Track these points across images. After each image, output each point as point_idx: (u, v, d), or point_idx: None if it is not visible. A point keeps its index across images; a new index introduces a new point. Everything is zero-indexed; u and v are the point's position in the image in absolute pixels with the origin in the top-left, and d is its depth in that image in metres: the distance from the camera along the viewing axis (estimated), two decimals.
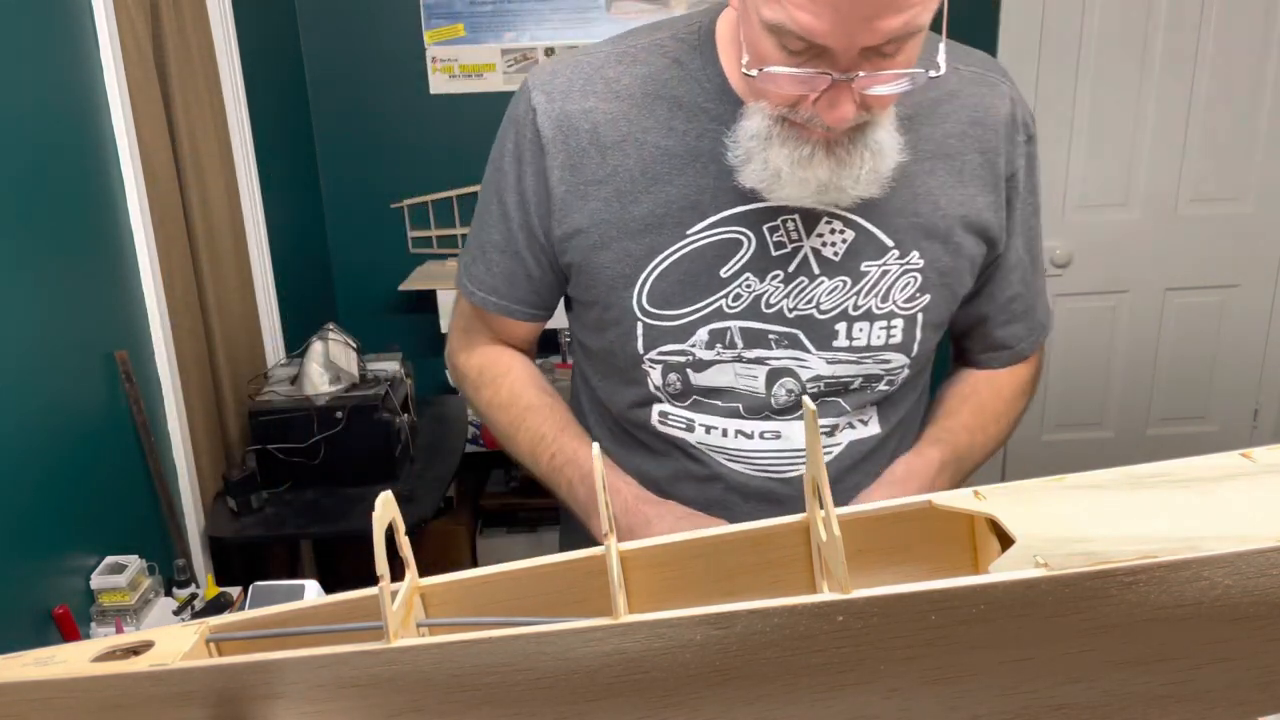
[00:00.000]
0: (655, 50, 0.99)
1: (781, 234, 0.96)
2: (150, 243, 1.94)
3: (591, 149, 0.98)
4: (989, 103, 1.00)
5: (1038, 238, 1.10)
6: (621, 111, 0.98)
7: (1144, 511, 0.52)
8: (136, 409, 1.88)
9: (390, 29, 2.83)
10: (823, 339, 1.00)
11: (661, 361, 1.01)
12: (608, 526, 0.54)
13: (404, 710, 0.52)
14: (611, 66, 0.99)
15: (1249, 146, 2.99)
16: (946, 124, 0.98)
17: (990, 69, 1.02)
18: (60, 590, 1.67)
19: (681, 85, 0.97)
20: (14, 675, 0.55)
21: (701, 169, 0.96)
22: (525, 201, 1.02)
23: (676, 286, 0.98)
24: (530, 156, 1.01)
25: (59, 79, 1.72)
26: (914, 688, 0.49)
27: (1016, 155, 1.02)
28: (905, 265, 0.98)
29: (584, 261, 1.00)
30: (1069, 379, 3.22)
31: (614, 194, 0.98)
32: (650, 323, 1.00)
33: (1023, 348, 1.13)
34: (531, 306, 1.10)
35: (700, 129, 0.96)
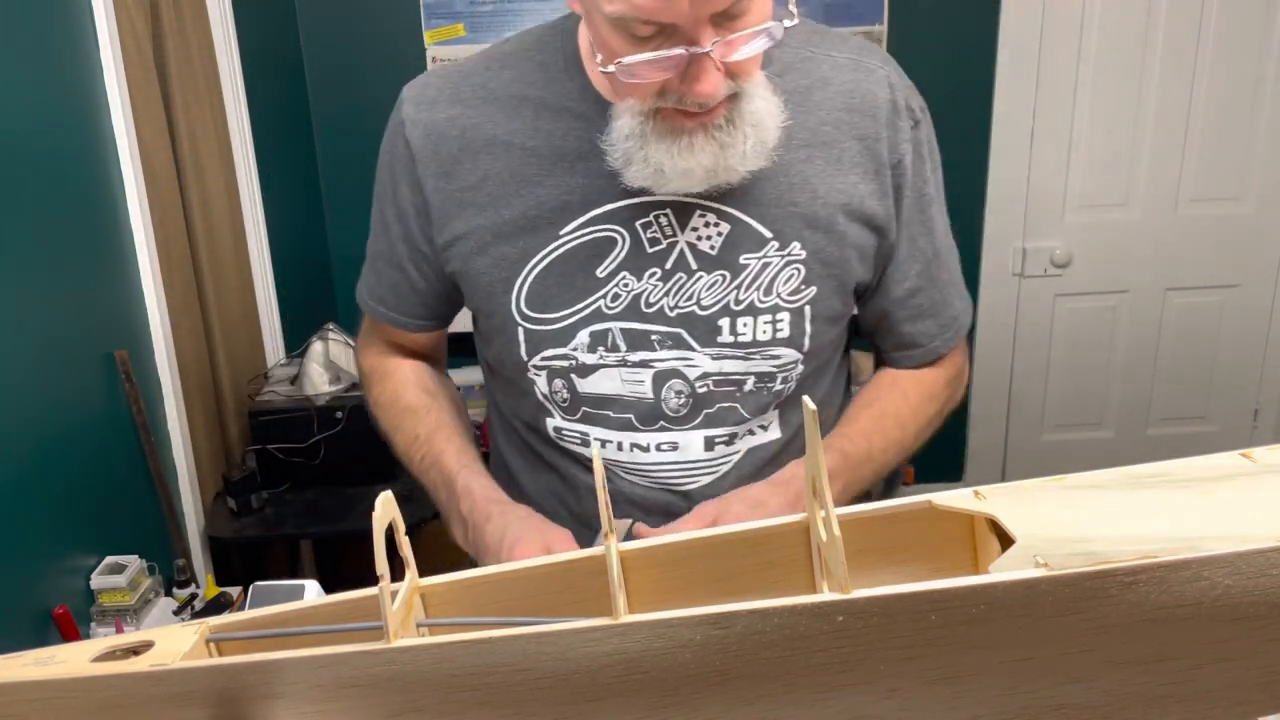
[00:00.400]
0: (521, 55, 0.99)
1: (655, 230, 0.95)
2: (150, 243, 1.94)
3: (462, 155, 0.97)
4: (865, 88, 0.97)
5: (941, 229, 1.06)
6: (488, 116, 0.97)
7: (1144, 511, 0.52)
8: (136, 409, 1.88)
9: (390, 29, 2.83)
10: (706, 336, 0.97)
11: (545, 367, 1.00)
12: (607, 527, 0.54)
13: (404, 710, 0.52)
14: (480, 74, 0.99)
15: (1249, 146, 2.99)
16: (821, 111, 0.96)
17: (866, 54, 1.00)
18: (60, 590, 1.67)
19: (546, 87, 0.96)
20: (14, 675, 0.55)
21: (569, 168, 0.95)
22: (403, 214, 1.02)
23: (553, 288, 0.97)
24: (403, 168, 1.00)
25: (59, 79, 1.72)
26: (914, 688, 0.49)
27: (900, 141, 0.99)
28: (787, 257, 0.96)
29: (464, 269, 1.00)
30: (1069, 379, 3.22)
31: (486, 199, 0.97)
32: (530, 327, 0.99)
33: (935, 345, 1.08)
34: (419, 318, 1.09)
35: (565, 129, 0.95)
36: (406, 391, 1.11)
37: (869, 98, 0.97)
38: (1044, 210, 3.06)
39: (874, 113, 0.97)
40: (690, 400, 0.99)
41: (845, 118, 0.97)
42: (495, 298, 0.99)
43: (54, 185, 1.69)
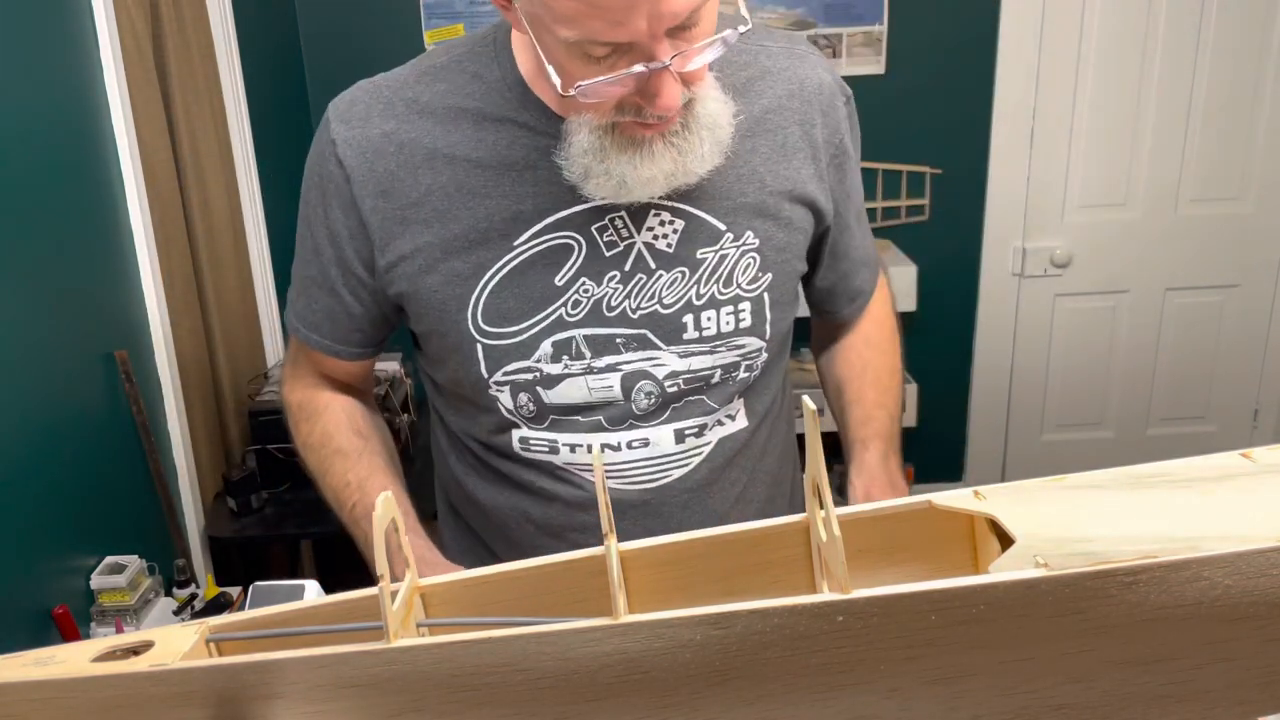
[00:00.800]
0: (454, 67, 0.96)
1: (611, 233, 0.94)
2: (150, 243, 1.94)
3: (400, 171, 0.94)
4: (802, 75, 0.99)
5: (862, 218, 1.14)
6: (426, 129, 0.94)
7: (1144, 511, 0.52)
8: (136, 409, 1.88)
9: (390, 29, 2.83)
10: (671, 334, 0.97)
11: (509, 382, 0.98)
12: (607, 526, 0.54)
13: (404, 710, 0.52)
14: (411, 87, 0.96)
15: (1249, 146, 2.99)
16: (764, 100, 0.97)
17: (796, 43, 1.02)
18: (60, 590, 1.67)
19: (484, 98, 0.94)
20: (14, 675, 0.55)
21: (518, 178, 0.93)
22: (335, 236, 0.98)
23: (511, 301, 0.95)
24: (334, 189, 0.97)
25: (59, 79, 1.72)
26: (914, 688, 0.49)
27: (839, 120, 1.01)
28: (742, 246, 0.97)
29: (413, 289, 0.97)
30: (1069, 379, 3.22)
31: (431, 214, 0.94)
32: (490, 343, 0.96)
33: (869, 287, 1.17)
34: (355, 345, 1.06)
35: (510, 138, 0.93)
36: (338, 433, 1.07)
37: (807, 83, 0.99)
38: (1044, 210, 3.06)
39: (811, 97, 0.99)
40: (659, 398, 0.99)
41: (787, 104, 0.98)
42: (449, 316, 0.96)
43: (54, 185, 1.69)
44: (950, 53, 2.91)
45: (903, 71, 2.91)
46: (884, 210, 3.03)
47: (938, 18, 2.88)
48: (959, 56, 2.92)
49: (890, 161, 2.98)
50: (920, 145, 2.97)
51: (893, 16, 2.87)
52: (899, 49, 2.90)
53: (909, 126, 2.96)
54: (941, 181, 3.02)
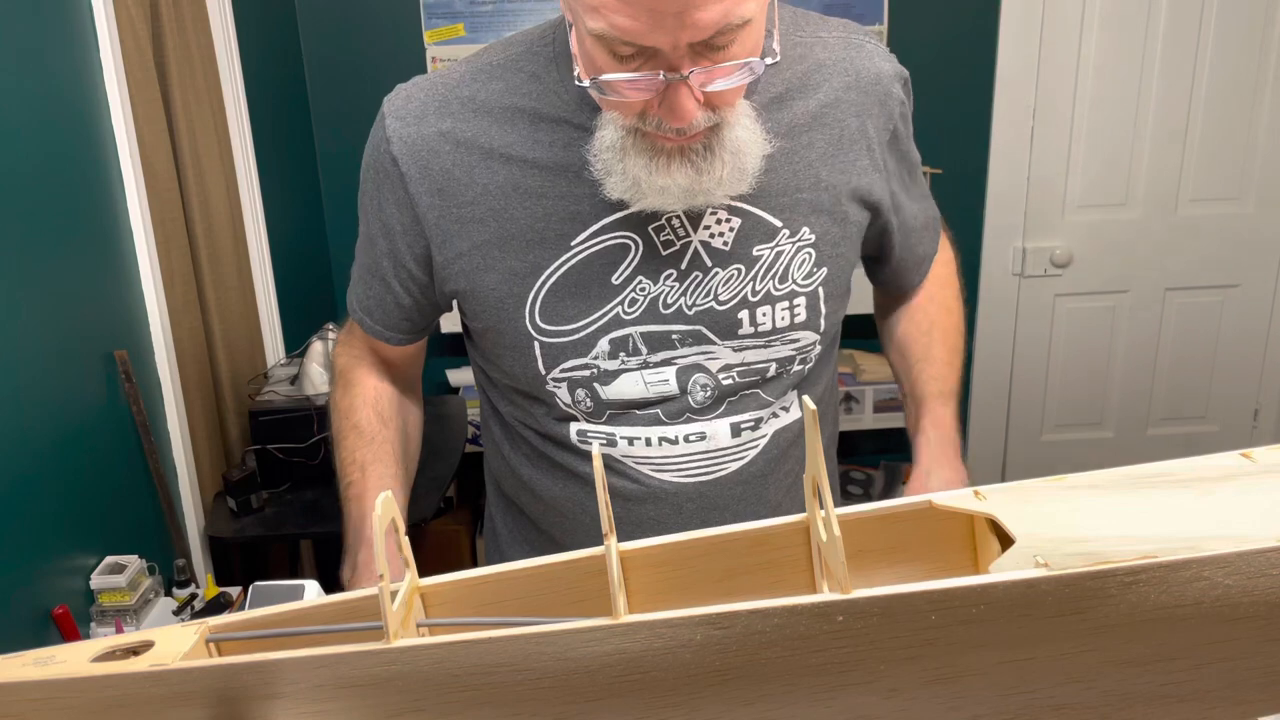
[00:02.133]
0: (511, 66, 0.97)
1: (669, 232, 0.95)
2: (150, 243, 1.94)
3: (457, 170, 0.95)
4: (859, 66, 0.99)
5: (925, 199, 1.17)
6: (483, 129, 0.95)
7: (1144, 511, 0.52)
8: (136, 409, 1.88)
9: (390, 29, 2.83)
10: (727, 329, 0.98)
11: (566, 379, 0.99)
12: (607, 526, 0.54)
13: (404, 710, 0.52)
14: (467, 85, 0.97)
15: (1249, 146, 2.99)
16: (820, 93, 0.97)
17: (853, 32, 1.02)
18: (60, 590, 1.67)
19: (541, 98, 0.94)
20: (14, 675, 0.55)
21: (574, 178, 0.93)
22: (389, 230, 1.01)
23: (568, 300, 0.96)
24: (390, 186, 0.98)
25: (59, 79, 1.72)
26: (914, 688, 0.49)
27: (895, 111, 1.02)
28: (798, 243, 0.97)
29: (470, 287, 0.98)
30: (1069, 379, 3.22)
31: (488, 213, 0.95)
32: (547, 341, 0.97)
33: (932, 250, 1.19)
34: (402, 333, 1.09)
35: (566, 139, 0.93)
36: (361, 410, 1.10)
37: (864, 75, 0.99)
38: (1044, 210, 3.06)
39: (870, 88, 0.99)
40: (715, 391, 0.99)
41: (844, 96, 0.98)
42: (506, 314, 0.97)
43: (54, 185, 1.69)
44: (950, 53, 2.91)
45: None
46: None
47: (938, 18, 2.88)
48: (959, 56, 2.92)
49: None
50: (920, 145, 2.97)
51: (893, 16, 2.87)
52: (899, 49, 2.89)
53: None
54: (941, 181, 3.02)
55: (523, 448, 1.10)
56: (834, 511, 0.50)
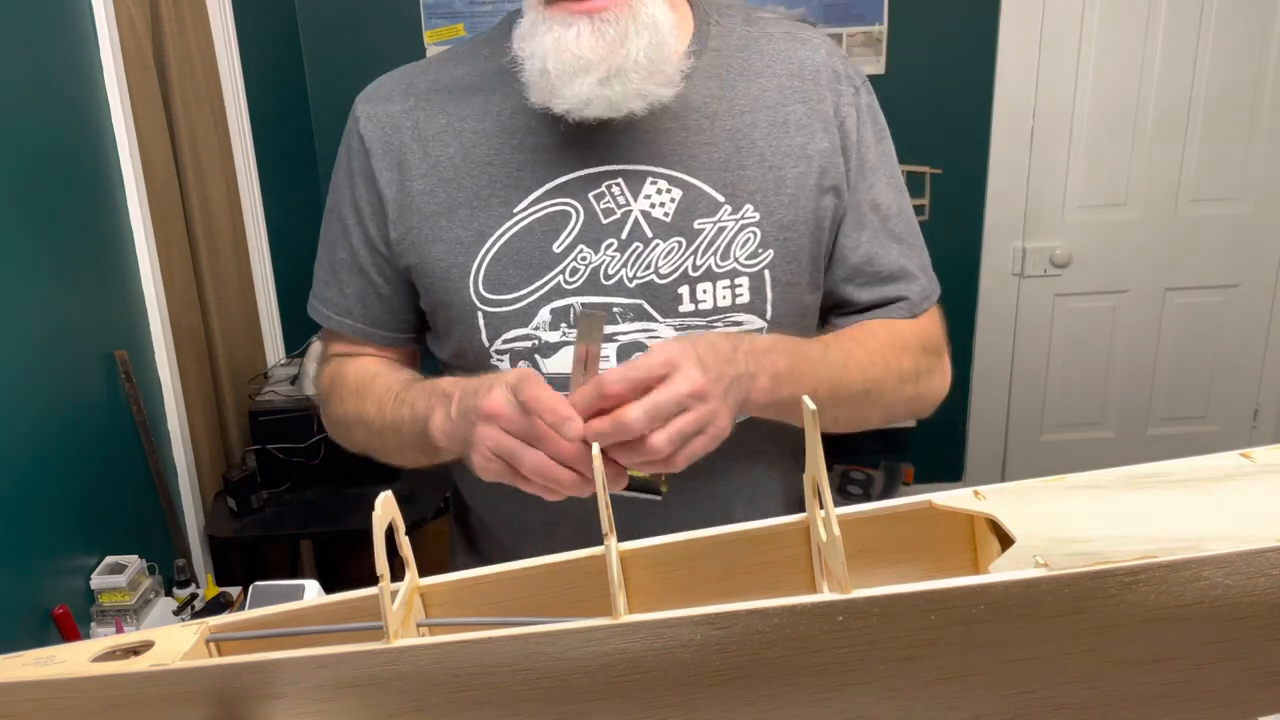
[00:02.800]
0: (472, 51, 1.01)
1: (609, 200, 0.95)
2: (150, 243, 1.94)
3: (414, 144, 0.98)
4: (803, 56, 0.99)
5: (889, 198, 1.02)
6: (441, 105, 0.98)
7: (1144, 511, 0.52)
8: (136, 409, 1.88)
9: (390, 29, 2.83)
10: (667, 305, 0.96)
11: (508, 350, 0.98)
12: (607, 527, 0.54)
13: (404, 710, 0.52)
14: (433, 69, 1.01)
15: (1249, 146, 2.99)
16: (761, 79, 0.98)
17: (800, 29, 1.02)
18: (60, 590, 1.67)
19: (495, 76, 0.97)
20: (14, 675, 0.55)
21: (519, 145, 0.95)
22: (361, 214, 1.01)
23: (511, 268, 0.96)
24: (359, 166, 1.00)
25: (59, 79, 1.72)
26: (914, 688, 0.49)
27: (843, 104, 0.99)
28: (741, 220, 0.96)
29: (420, 261, 0.98)
30: (1069, 379, 3.22)
31: (438, 184, 0.97)
32: (490, 310, 0.97)
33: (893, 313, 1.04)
34: (388, 329, 1.06)
35: (514, 106, 0.95)
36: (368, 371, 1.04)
37: (807, 64, 0.99)
38: (1044, 210, 3.06)
39: (814, 77, 0.99)
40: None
41: (787, 83, 0.98)
42: (451, 284, 0.97)
43: (54, 185, 1.69)
44: (950, 53, 2.91)
45: (903, 71, 2.91)
46: None
47: (938, 18, 2.88)
48: (959, 56, 2.92)
49: None
50: (920, 145, 2.97)
51: (893, 16, 2.87)
52: (899, 49, 2.90)
53: (909, 126, 2.96)
54: (941, 181, 3.02)
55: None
56: (834, 511, 0.50)
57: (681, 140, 0.95)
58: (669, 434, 0.77)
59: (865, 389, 0.96)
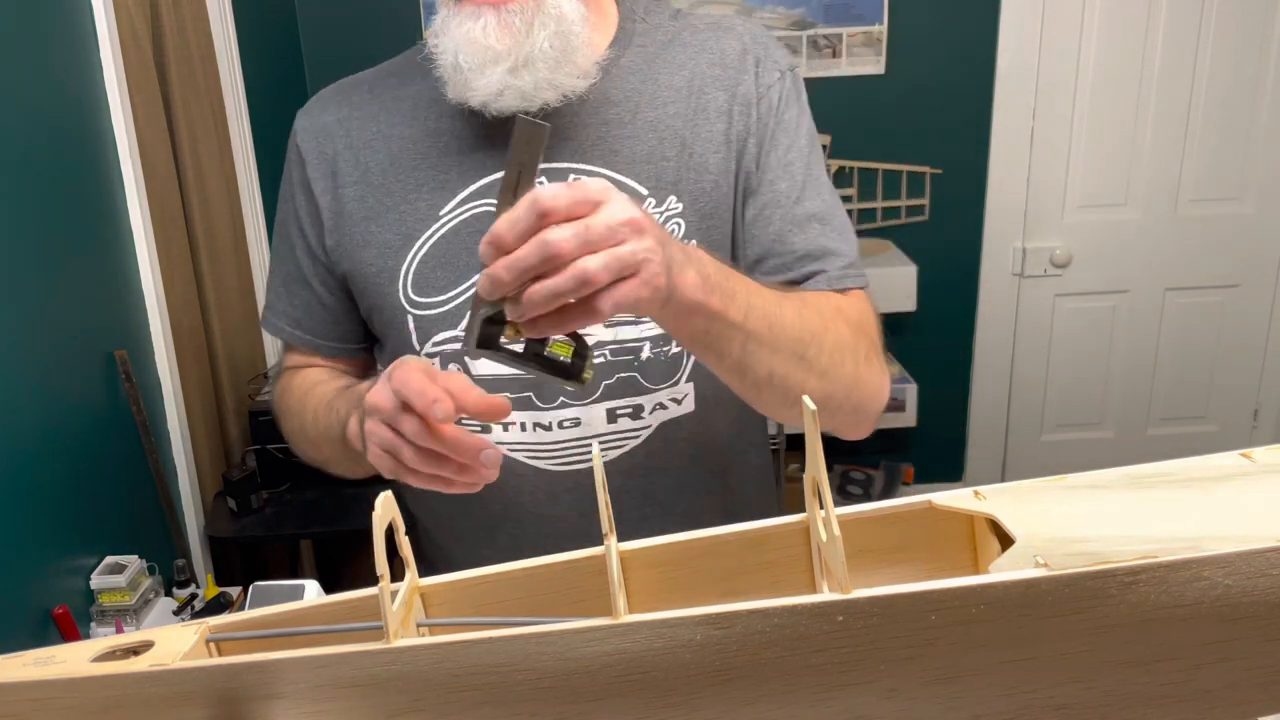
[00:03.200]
0: (406, 61, 1.02)
1: None
2: (150, 243, 1.94)
3: (346, 152, 0.99)
4: (724, 45, 0.99)
5: (801, 181, 0.98)
6: (373, 113, 1.00)
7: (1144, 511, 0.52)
8: (136, 409, 1.88)
9: (390, 29, 2.83)
10: None
11: (438, 353, 0.98)
12: (608, 527, 0.54)
13: (404, 710, 0.52)
14: (370, 80, 1.03)
15: (1249, 146, 2.99)
16: (685, 70, 0.98)
17: (728, 19, 1.02)
18: (60, 590, 1.67)
19: (421, 80, 0.97)
20: (14, 675, 0.55)
21: (444, 148, 0.96)
22: (302, 225, 1.02)
23: (438, 270, 0.96)
24: (297, 177, 1.02)
25: (59, 79, 1.72)
26: (914, 688, 0.49)
27: (761, 87, 0.98)
28: (665, 212, 0.95)
29: (353, 267, 0.99)
30: (1069, 379, 3.22)
31: (367, 190, 0.98)
32: (419, 313, 0.97)
33: (822, 258, 0.97)
34: (333, 339, 1.06)
35: (440, 110, 0.96)
36: (310, 379, 1.06)
37: (729, 51, 0.99)
38: (1044, 210, 3.06)
39: (736, 64, 0.98)
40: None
41: (709, 71, 0.98)
42: (382, 288, 0.98)
43: (54, 185, 1.69)
44: (950, 53, 2.91)
45: (903, 71, 2.92)
46: (884, 210, 3.03)
47: (938, 18, 2.88)
48: (959, 56, 2.92)
49: (890, 161, 2.98)
50: (920, 145, 2.97)
51: (893, 16, 2.87)
52: (899, 49, 2.90)
53: (909, 126, 2.96)
54: (941, 181, 3.02)
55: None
56: (834, 511, 0.50)
57: (603, 135, 0.95)
58: (603, 259, 0.66)
59: (800, 338, 0.85)
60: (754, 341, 0.81)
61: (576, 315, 0.69)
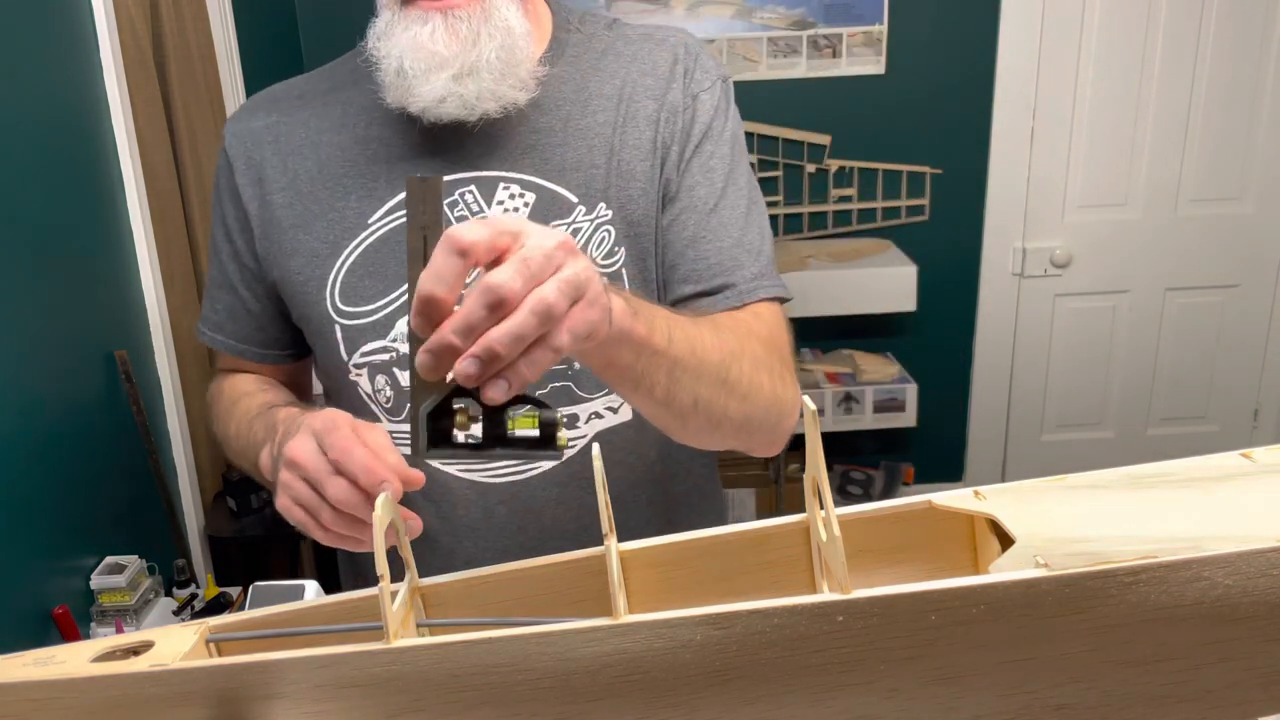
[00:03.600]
0: (340, 64, 1.02)
1: (462, 208, 0.94)
2: (150, 243, 1.94)
3: (274, 158, 0.98)
4: (656, 56, 0.98)
5: (720, 188, 0.97)
6: (303, 120, 0.99)
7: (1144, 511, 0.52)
8: (136, 409, 1.88)
9: None
10: None
11: (366, 364, 0.97)
12: (607, 527, 0.54)
13: (404, 710, 0.52)
14: (300, 85, 1.02)
15: (1249, 146, 2.99)
16: (616, 80, 0.97)
17: (662, 31, 1.01)
18: (60, 590, 1.67)
19: (354, 87, 0.97)
20: (14, 675, 0.55)
21: (373, 156, 0.95)
22: (229, 231, 1.01)
23: (366, 279, 0.95)
24: (225, 183, 1.01)
25: (59, 79, 1.72)
26: (914, 688, 0.49)
27: (690, 95, 0.97)
28: (595, 219, 0.95)
29: (281, 275, 0.98)
30: (1069, 379, 3.22)
31: (295, 197, 0.97)
32: (347, 323, 0.96)
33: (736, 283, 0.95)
34: (258, 345, 1.05)
35: (369, 117, 0.96)
36: (240, 387, 1.04)
37: (661, 61, 0.98)
38: (1044, 210, 3.06)
39: (661, 73, 0.98)
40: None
41: (637, 79, 0.98)
42: (310, 298, 0.97)
43: (54, 185, 1.69)
44: (950, 53, 2.91)
45: (903, 71, 2.91)
46: (884, 210, 3.03)
47: (938, 18, 2.88)
48: (959, 56, 2.92)
49: (890, 161, 2.98)
50: (920, 145, 2.97)
51: (893, 16, 2.87)
52: (899, 49, 2.90)
53: (909, 126, 2.96)
54: (941, 181, 3.02)
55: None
56: (834, 511, 0.50)
57: (533, 143, 0.94)
58: (555, 286, 0.58)
59: (722, 360, 0.82)
60: (679, 368, 0.77)
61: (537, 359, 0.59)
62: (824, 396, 2.88)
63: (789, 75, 2.91)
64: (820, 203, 3.01)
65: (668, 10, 2.86)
